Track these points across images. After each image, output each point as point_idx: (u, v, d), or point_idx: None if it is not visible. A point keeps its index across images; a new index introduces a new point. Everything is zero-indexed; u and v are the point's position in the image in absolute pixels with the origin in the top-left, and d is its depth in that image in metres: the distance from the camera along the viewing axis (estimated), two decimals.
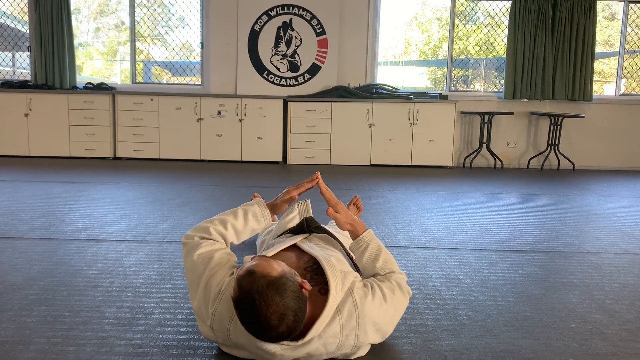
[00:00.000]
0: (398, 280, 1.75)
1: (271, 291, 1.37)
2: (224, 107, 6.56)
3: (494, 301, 2.18)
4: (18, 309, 1.98)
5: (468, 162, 7.03)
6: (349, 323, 1.55)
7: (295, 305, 1.40)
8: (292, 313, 1.39)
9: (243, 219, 1.84)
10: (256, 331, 1.41)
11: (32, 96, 6.50)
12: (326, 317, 1.51)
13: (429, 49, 7.65)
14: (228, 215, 1.85)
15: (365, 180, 5.41)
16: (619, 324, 1.98)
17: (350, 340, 1.56)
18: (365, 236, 1.87)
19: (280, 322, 1.38)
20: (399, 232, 3.29)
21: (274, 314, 1.36)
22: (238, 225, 1.83)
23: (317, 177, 1.92)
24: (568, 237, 3.26)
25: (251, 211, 1.86)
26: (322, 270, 1.63)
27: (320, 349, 1.54)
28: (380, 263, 1.82)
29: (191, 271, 1.69)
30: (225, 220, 1.82)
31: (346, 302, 1.56)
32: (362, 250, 1.85)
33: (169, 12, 7.25)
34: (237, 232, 1.82)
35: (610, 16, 7.46)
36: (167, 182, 4.95)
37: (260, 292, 1.36)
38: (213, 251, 1.71)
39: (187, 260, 1.72)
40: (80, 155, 6.60)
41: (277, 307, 1.36)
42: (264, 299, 1.36)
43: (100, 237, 3.01)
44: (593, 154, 7.09)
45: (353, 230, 1.88)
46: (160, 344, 1.73)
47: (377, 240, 1.88)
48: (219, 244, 1.76)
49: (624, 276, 2.55)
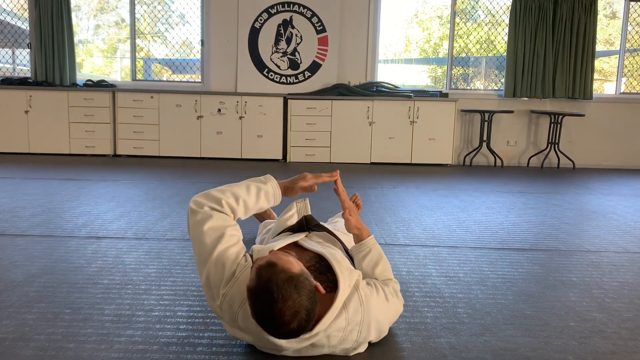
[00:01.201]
0: (395, 288, 1.80)
1: (290, 286, 1.37)
2: (224, 104, 6.55)
3: (493, 299, 2.18)
4: (18, 305, 1.98)
5: (468, 160, 7.02)
6: (354, 318, 1.57)
7: (309, 305, 1.40)
8: (305, 311, 1.39)
9: (255, 196, 1.76)
10: (267, 324, 1.40)
11: (32, 93, 6.49)
12: (334, 312, 1.53)
13: (430, 46, 7.65)
14: (241, 188, 1.76)
15: (365, 178, 5.41)
16: (619, 323, 1.98)
17: (353, 335, 1.58)
18: (368, 241, 1.89)
19: (293, 319, 1.37)
20: (399, 230, 3.29)
21: (289, 310, 1.36)
22: (249, 202, 1.75)
23: (337, 174, 1.91)
24: (568, 236, 3.26)
25: (264, 190, 1.79)
26: (325, 268, 1.63)
27: (323, 341, 1.55)
28: (379, 270, 1.85)
29: (200, 243, 1.64)
30: (238, 194, 1.73)
31: (352, 298, 1.58)
32: (364, 254, 1.87)
33: (169, 9, 7.24)
34: (247, 208, 1.75)
35: (611, 14, 7.45)
36: (167, 179, 4.95)
37: (279, 286, 1.36)
38: (225, 227, 1.65)
39: (196, 230, 1.65)
40: (80, 152, 6.60)
41: (293, 303, 1.36)
42: (282, 293, 1.35)
43: (100, 234, 3.01)
44: (593, 153, 7.09)
45: (358, 234, 1.90)
46: (160, 341, 1.73)
47: (379, 247, 1.91)
48: (229, 218, 1.69)
49: (624, 275, 2.55)
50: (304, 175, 1.90)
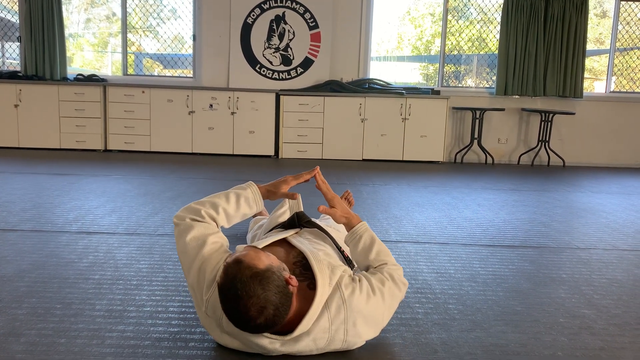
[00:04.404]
0: (390, 272, 1.73)
1: (254, 283, 1.38)
2: (216, 100, 6.53)
3: (484, 296, 2.20)
4: (8, 301, 1.97)
5: (459, 157, 7.06)
6: (337, 317, 1.54)
7: (277, 300, 1.40)
8: (272, 307, 1.39)
9: (235, 203, 1.80)
10: (234, 319, 1.42)
11: (22, 87, 6.44)
12: (314, 313, 1.51)
13: (422, 44, 7.66)
14: (220, 198, 1.80)
15: (357, 174, 5.42)
16: (607, 319, 2.00)
17: (339, 334, 1.56)
18: (359, 228, 1.86)
19: (259, 314, 1.38)
20: (391, 226, 3.30)
21: (253, 306, 1.37)
22: (230, 210, 1.79)
23: (317, 170, 1.91)
24: (558, 233, 3.29)
25: (243, 196, 1.82)
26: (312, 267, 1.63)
27: (310, 345, 1.54)
28: (373, 254, 1.81)
29: (184, 254, 1.68)
30: (217, 203, 1.78)
31: (334, 297, 1.56)
32: (356, 241, 1.84)
33: (161, 3, 7.20)
34: (228, 216, 1.79)
35: (602, 14, 7.50)
36: (159, 175, 4.93)
37: (243, 282, 1.38)
38: (206, 235, 1.69)
39: (180, 242, 1.70)
40: (71, 147, 6.55)
41: (258, 299, 1.37)
42: (246, 290, 1.37)
43: (91, 229, 3.00)
44: (583, 151, 7.15)
45: (348, 223, 1.88)
46: (152, 336, 1.73)
47: (371, 232, 1.87)
48: (211, 226, 1.73)
49: (612, 272, 2.58)
50: (285, 178, 1.90)
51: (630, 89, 7.31)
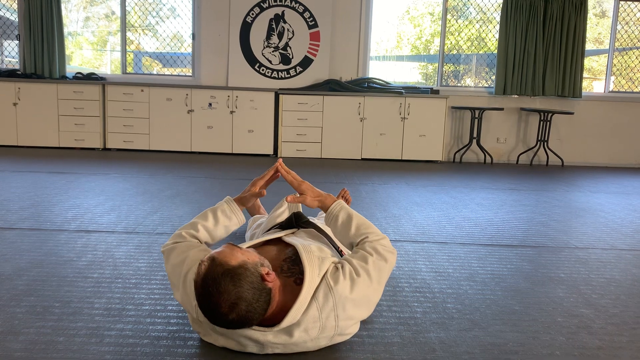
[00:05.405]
0: (373, 245, 1.72)
1: (225, 280, 1.40)
2: (215, 99, 6.53)
3: (482, 295, 2.20)
4: (7, 299, 1.97)
5: (458, 157, 7.06)
6: (326, 305, 1.54)
7: (250, 296, 1.41)
8: (244, 303, 1.40)
9: (213, 218, 1.89)
10: (208, 316, 1.44)
11: (20, 85, 6.43)
12: (303, 303, 1.52)
13: (421, 43, 7.66)
14: (198, 217, 1.91)
15: (356, 174, 5.42)
16: (605, 318, 2.01)
17: (330, 321, 1.56)
18: (334, 207, 1.87)
19: (231, 310, 1.40)
20: (389, 225, 3.30)
21: (224, 302, 1.39)
22: (209, 225, 1.87)
23: (279, 163, 1.94)
24: (556, 233, 3.29)
25: (219, 209, 1.91)
26: (300, 260, 1.62)
27: (304, 337, 1.55)
28: (352, 230, 1.80)
29: (172, 274, 1.72)
30: (196, 223, 1.87)
31: (321, 287, 1.56)
32: (334, 221, 1.85)
33: (160, 2, 7.19)
34: (209, 231, 1.87)
35: (601, 13, 7.50)
36: (158, 173, 4.93)
37: (214, 279, 1.40)
38: (188, 249, 1.75)
39: (167, 265, 1.77)
40: (70, 145, 6.55)
41: (229, 296, 1.39)
42: (217, 287, 1.39)
43: (90, 228, 3.00)
44: (582, 150, 7.15)
45: (322, 205, 1.89)
46: (151, 335, 1.73)
47: (348, 209, 1.86)
48: (193, 243, 1.80)
49: (610, 271, 2.58)
50: (253, 181, 1.99)
51: (629, 89, 7.31)
